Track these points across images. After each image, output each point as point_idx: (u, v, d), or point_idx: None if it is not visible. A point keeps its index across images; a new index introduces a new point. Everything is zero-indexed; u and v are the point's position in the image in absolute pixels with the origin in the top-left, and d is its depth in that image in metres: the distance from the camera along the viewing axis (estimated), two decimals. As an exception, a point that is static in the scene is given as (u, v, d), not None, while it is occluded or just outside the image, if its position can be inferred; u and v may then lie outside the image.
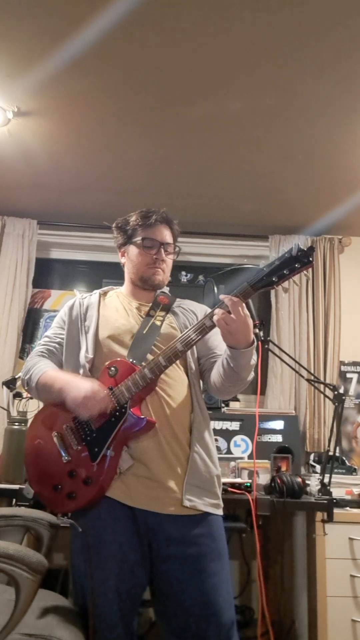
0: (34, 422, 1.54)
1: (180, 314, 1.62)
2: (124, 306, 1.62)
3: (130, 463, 1.38)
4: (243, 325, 1.31)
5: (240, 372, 1.41)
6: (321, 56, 1.90)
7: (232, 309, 1.29)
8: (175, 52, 1.92)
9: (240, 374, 1.41)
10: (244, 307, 1.32)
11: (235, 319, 1.30)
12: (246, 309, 1.32)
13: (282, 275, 1.30)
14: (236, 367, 1.39)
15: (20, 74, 2.04)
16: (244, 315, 1.31)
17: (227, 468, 2.35)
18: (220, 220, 3.24)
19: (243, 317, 1.31)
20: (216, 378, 1.49)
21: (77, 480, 1.37)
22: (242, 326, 1.31)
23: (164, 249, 1.60)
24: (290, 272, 1.30)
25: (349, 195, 2.85)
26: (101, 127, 2.39)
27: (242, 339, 1.34)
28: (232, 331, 1.32)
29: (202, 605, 1.33)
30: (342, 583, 2.08)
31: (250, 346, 1.36)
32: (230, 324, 1.31)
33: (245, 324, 1.32)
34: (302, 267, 1.29)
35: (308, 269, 1.30)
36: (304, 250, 1.28)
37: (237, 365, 1.39)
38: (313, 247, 1.32)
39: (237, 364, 1.39)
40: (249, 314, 1.33)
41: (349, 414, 3.11)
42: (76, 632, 1.20)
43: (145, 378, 1.38)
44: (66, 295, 3.44)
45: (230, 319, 1.30)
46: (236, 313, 1.29)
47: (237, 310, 1.29)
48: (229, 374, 1.43)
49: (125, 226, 1.64)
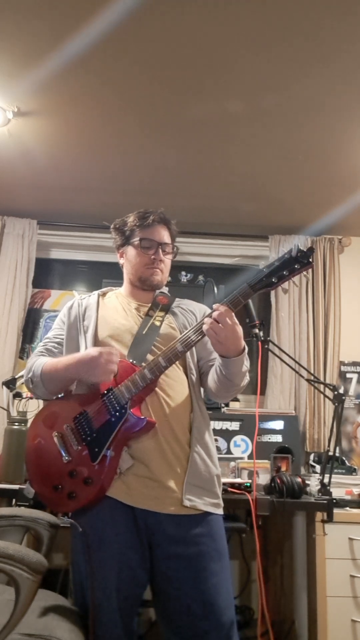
0: (34, 422, 1.54)
1: (179, 314, 1.62)
2: (123, 307, 1.62)
3: (131, 463, 1.38)
4: (232, 334, 1.32)
5: (232, 379, 1.42)
6: (321, 57, 1.90)
7: (220, 319, 1.30)
8: (175, 53, 1.91)
9: (232, 380, 1.43)
10: (232, 317, 1.32)
11: (224, 328, 1.30)
12: (235, 318, 1.33)
13: (282, 276, 1.30)
14: (228, 374, 1.41)
15: (20, 74, 2.04)
16: (232, 324, 1.31)
17: (227, 468, 2.35)
18: (220, 220, 3.24)
19: (231, 326, 1.31)
20: (211, 384, 1.51)
21: (77, 480, 1.38)
22: (231, 335, 1.32)
23: (162, 249, 1.61)
24: (289, 273, 1.30)
25: (349, 195, 2.85)
26: (101, 127, 2.39)
27: (231, 348, 1.35)
28: (222, 340, 1.32)
29: (202, 605, 1.33)
30: (342, 583, 2.08)
31: (240, 354, 1.37)
32: (219, 334, 1.31)
33: (234, 332, 1.32)
34: (302, 268, 1.29)
35: (308, 270, 1.31)
36: (304, 251, 1.29)
37: (229, 373, 1.41)
38: (313, 248, 1.32)
39: (229, 372, 1.40)
40: (237, 322, 1.34)
41: (348, 414, 3.11)
42: (76, 632, 1.20)
43: (145, 378, 1.38)
44: (66, 295, 3.43)
45: (218, 328, 1.31)
46: (224, 323, 1.30)
47: (224, 321, 1.30)
48: (222, 381, 1.45)
49: (123, 227, 1.65)
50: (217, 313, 1.31)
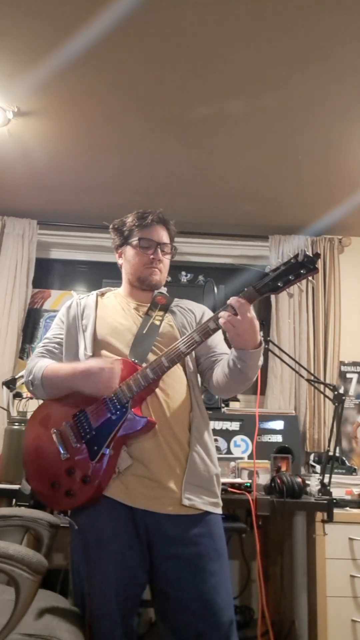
0: (32, 419, 1.54)
1: (178, 313, 1.62)
2: (122, 306, 1.62)
3: (130, 462, 1.38)
4: (250, 327, 1.32)
5: (247, 373, 1.41)
6: (322, 57, 1.90)
7: (239, 310, 1.30)
8: (175, 53, 1.92)
9: (247, 374, 1.42)
10: (251, 309, 1.32)
11: (242, 320, 1.30)
12: (252, 311, 1.33)
13: (288, 281, 1.30)
14: (244, 368, 1.40)
15: (20, 74, 2.04)
16: (250, 317, 1.31)
17: (227, 468, 2.34)
18: (220, 220, 3.24)
19: (250, 318, 1.31)
20: (220, 377, 1.49)
21: (75, 478, 1.37)
22: (250, 328, 1.32)
23: (160, 249, 1.61)
24: (295, 278, 1.30)
25: (349, 195, 2.85)
26: (101, 127, 2.39)
27: (250, 341, 1.34)
28: (240, 333, 1.32)
29: (201, 604, 1.32)
30: (342, 583, 2.08)
31: (258, 347, 1.37)
32: (237, 326, 1.31)
33: (252, 325, 1.32)
34: (308, 273, 1.29)
35: (313, 275, 1.31)
36: (310, 256, 1.29)
37: (245, 366, 1.39)
38: (318, 253, 1.32)
39: (245, 365, 1.39)
40: (255, 316, 1.34)
41: (349, 414, 3.11)
42: (76, 632, 1.20)
43: (147, 378, 1.38)
44: (66, 295, 3.44)
45: (237, 320, 1.30)
46: (243, 315, 1.30)
47: (244, 312, 1.30)
48: (235, 375, 1.43)
49: (122, 227, 1.65)
50: (237, 304, 1.30)
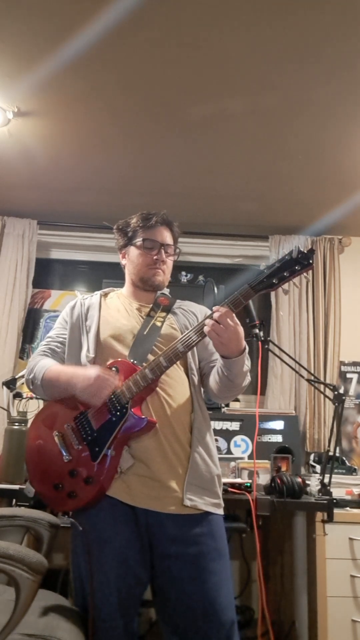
0: (35, 421, 1.55)
1: (180, 315, 1.63)
2: (124, 307, 1.63)
3: (131, 462, 1.39)
4: (234, 335, 1.32)
5: (234, 380, 1.43)
6: (321, 57, 1.90)
7: (221, 320, 1.30)
8: (175, 53, 1.91)
9: (234, 381, 1.43)
10: (233, 317, 1.32)
11: (225, 329, 1.31)
12: (236, 318, 1.33)
13: (282, 277, 1.31)
14: (230, 375, 1.41)
15: (20, 74, 2.04)
16: (233, 325, 1.32)
17: (227, 468, 2.34)
18: (220, 220, 3.24)
19: (233, 326, 1.32)
20: (213, 385, 1.51)
21: (77, 480, 1.38)
22: (233, 336, 1.32)
23: (164, 250, 1.61)
24: (290, 274, 1.31)
25: (349, 195, 2.85)
26: (101, 127, 2.39)
27: (234, 348, 1.35)
28: (224, 341, 1.33)
29: (202, 604, 1.33)
30: (342, 583, 2.08)
31: (241, 354, 1.37)
32: (221, 335, 1.32)
33: (236, 333, 1.33)
34: (302, 269, 1.30)
35: (308, 271, 1.31)
36: (304, 252, 1.29)
37: (230, 373, 1.41)
38: (313, 249, 1.33)
39: (231, 373, 1.41)
40: (239, 322, 1.34)
41: (349, 414, 3.11)
42: (76, 632, 1.20)
43: (146, 378, 1.39)
44: (66, 295, 3.44)
45: (220, 329, 1.31)
46: (225, 324, 1.30)
47: (226, 322, 1.30)
48: (224, 382, 1.45)
49: (126, 228, 1.66)
50: (218, 314, 1.31)
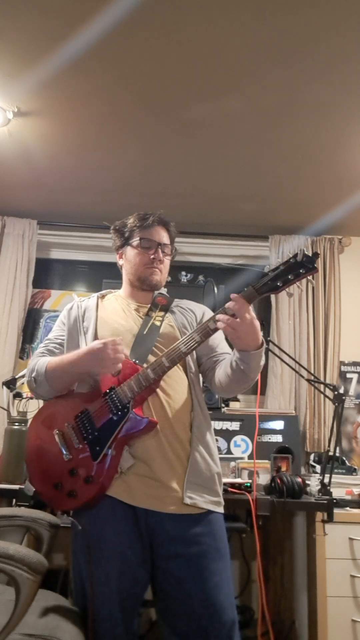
0: (35, 420, 1.54)
1: (178, 313, 1.63)
2: (122, 308, 1.63)
3: (132, 462, 1.38)
4: (251, 328, 1.31)
5: (249, 374, 1.41)
6: (321, 57, 1.90)
7: (239, 313, 1.28)
8: (176, 53, 1.92)
9: (249, 375, 1.41)
10: (250, 310, 1.31)
11: (242, 322, 1.29)
12: (252, 311, 1.32)
13: (287, 280, 1.30)
14: (246, 369, 1.39)
15: (20, 74, 2.04)
16: (250, 318, 1.30)
17: (227, 468, 2.34)
18: (221, 220, 3.24)
19: (250, 320, 1.30)
20: (223, 378, 1.49)
21: (78, 479, 1.38)
22: (250, 329, 1.31)
23: (161, 249, 1.62)
24: (294, 278, 1.29)
25: (349, 195, 2.85)
26: (101, 127, 2.39)
27: (251, 342, 1.34)
28: (241, 335, 1.31)
29: (203, 604, 1.32)
30: (342, 583, 2.08)
31: (260, 348, 1.36)
32: (237, 329, 1.30)
33: (253, 326, 1.31)
34: (307, 272, 1.29)
35: (312, 275, 1.30)
36: (309, 256, 1.28)
37: (247, 367, 1.39)
38: (317, 253, 1.32)
39: (248, 367, 1.39)
40: (255, 316, 1.33)
41: (349, 414, 3.11)
42: (77, 632, 1.20)
43: (148, 378, 1.39)
44: (66, 295, 3.44)
45: (236, 323, 1.29)
46: (242, 317, 1.29)
47: (243, 315, 1.29)
48: (237, 375, 1.43)
49: (123, 228, 1.66)
50: (235, 306, 1.29)
